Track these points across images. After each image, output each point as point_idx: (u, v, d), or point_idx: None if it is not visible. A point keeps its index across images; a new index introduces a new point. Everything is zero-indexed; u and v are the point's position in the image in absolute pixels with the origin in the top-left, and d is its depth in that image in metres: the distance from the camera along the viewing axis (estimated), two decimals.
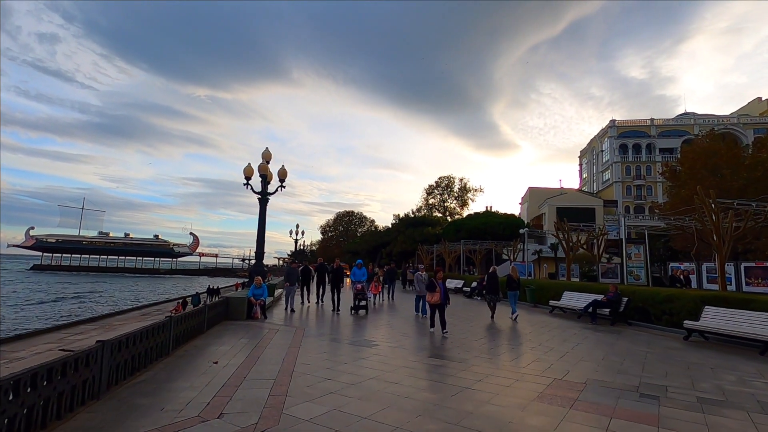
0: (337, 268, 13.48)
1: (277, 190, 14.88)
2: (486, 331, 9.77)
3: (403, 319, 11.36)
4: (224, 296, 10.16)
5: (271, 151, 15.05)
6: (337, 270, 13.32)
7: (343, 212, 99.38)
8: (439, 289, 8.82)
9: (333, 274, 13.38)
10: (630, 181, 61.90)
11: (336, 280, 13.03)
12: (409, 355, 6.78)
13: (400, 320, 11.06)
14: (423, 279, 11.52)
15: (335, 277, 13.11)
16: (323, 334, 8.62)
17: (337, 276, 13.17)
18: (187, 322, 7.07)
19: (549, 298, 15.74)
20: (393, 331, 9.23)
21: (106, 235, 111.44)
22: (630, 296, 11.39)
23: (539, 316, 13.05)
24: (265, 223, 14.78)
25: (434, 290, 8.82)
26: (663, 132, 63.21)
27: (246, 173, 14.43)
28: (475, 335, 9.06)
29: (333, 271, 13.65)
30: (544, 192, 66.13)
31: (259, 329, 8.95)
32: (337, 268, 13.54)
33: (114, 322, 19.30)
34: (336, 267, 13.61)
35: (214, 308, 8.95)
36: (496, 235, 43.66)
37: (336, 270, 13.34)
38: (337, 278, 13.07)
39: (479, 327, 10.34)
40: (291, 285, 12.77)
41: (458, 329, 9.69)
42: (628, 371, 6.00)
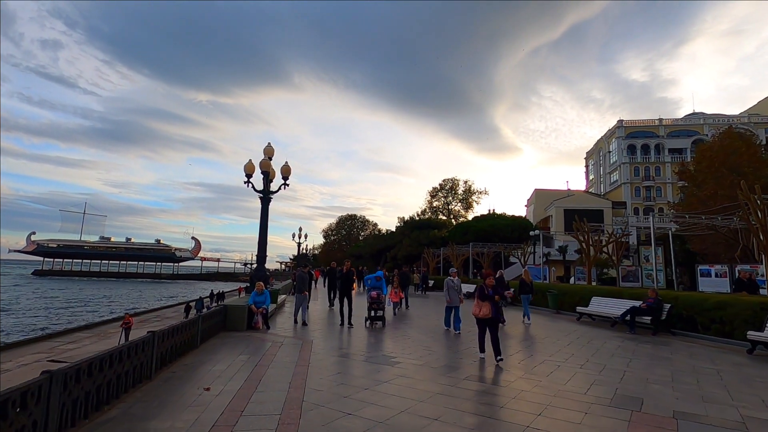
0: (346, 273, 11.47)
1: (281, 188, 13.81)
2: (517, 343, 8.64)
3: (424, 330, 10.16)
4: (221, 304, 9.07)
5: (273, 147, 14.02)
6: (346, 274, 11.36)
7: (346, 216, 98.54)
8: (488, 302, 6.58)
9: (342, 280, 11.37)
10: (639, 182, 60.61)
11: (345, 286, 11.14)
12: (439, 376, 5.66)
13: (421, 332, 9.84)
14: (454, 285, 9.89)
15: (344, 284, 11.20)
16: (334, 349, 7.49)
17: (347, 282, 11.27)
18: (176, 337, 5.98)
19: (573, 304, 14.58)
20: (415, 346, 8.03)
21: (108, 240, 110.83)
22: (671, 302, 10.23)
23: (567, 324, 11.89)
24: (267, 224, 13.72)
25: (484, 300, 6.61)
26: (672, 132, 62.01)
27: (247, 170, 13.38)
28: (505, 347, 7.94)
29: (342, 276, 11.62)
30: (550, 194, 64.97)
31: (261, 342, 7.85)
32: (346, 272, 11.52)
33: (110, 329, 18.24)
34: (345, 271, 11.54)
35: (209, 318, 7.86)
36: (504, 237, 42.54)
37: (345, 275, 11.37)
38: (347, 284, 11.19)
39: (506, 338, 9.20)
40: (302, 294, 11.09)
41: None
42: (714, 398, 4.87)
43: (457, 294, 9.80)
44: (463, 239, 41.90)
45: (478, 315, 6.60)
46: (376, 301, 10.35)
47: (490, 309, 6.49)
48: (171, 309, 26.28)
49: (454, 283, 9.92)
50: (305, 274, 11.58)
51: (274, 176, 13.97)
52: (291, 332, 9.35)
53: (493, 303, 6.51)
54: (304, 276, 11.44)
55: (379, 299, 10.37)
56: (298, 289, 11.05)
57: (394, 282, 13.37)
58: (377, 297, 10.35)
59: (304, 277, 11.36)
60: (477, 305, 6.67)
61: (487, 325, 6.64)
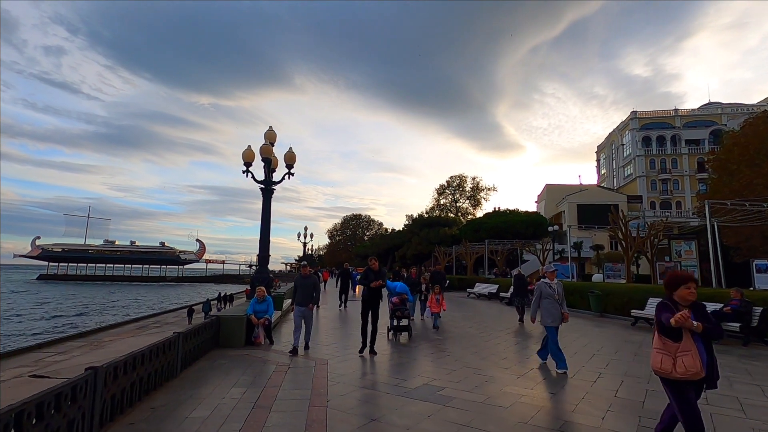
0: (378, 271, 7.20)
1: (285, 177, 12.12)
2: (602, 364, 6.87)
3: (463, 341, 8.40)
4: (213, 315, 7.36)
5: (275, 132, 12.34)
6: (378, 273, 7.20)
7: (350, 216, 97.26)
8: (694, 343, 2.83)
9: (369, 293, 7.20)
10: (655, 175, 58.40)
11: (372, 297, 7.19)
12: (522, 427, 3.90)
13: (461, 345, 8.00)
14: (554, 292, 6.24)
15: (371, 294, 7.17)
16: (357, 375, 5.74)
17: (374, 292, 7.20)
18: (139, 370, 4.27)
19: (620, 306, 12.78)
20: (462, 369, 6.10)
21: (112, 244, 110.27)
22: (762, 305, 8.42)
23: (622, 331, 10.09)
24: (270, 219, 12.04)
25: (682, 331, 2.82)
26: (688, 123, 59.76)
27: (245, 158, 11.69)
28: (580, 366, 6.17)
29: (365, 275, 7.29)
30: (561, 189, 62.89)
31: (262, 365, 6.15)
32: (377, 270, 7.21)
33: (105, 337, 16.65)
34: (375, 270, 7.23)
35: (196, 336, 6.17)
36: (519, 234, 40.72)
37: (377, 273, 7.21)
38: (374, 296, 7.20)
39: (578, 356, 7.43)
40: (304, 306, 7.22)
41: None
42: None
43: (559, 306, 6.23)
44: (475, 236, 40.21)
45: (683, 376, 2.75)
46: (399, 307, 8.52)
47: (700, 361, 2.77)
48: (172, 314, 24.75)
49: (553, 290, 6.24)
50: (310, 279, 7.32)
51: (276, 165, 12.28)
52: (299, 348, 7.65)
53: (702, 345, 2.81)
54: (308, 282, 7.26)
55: (403, 305, 8.53)
56: (299, 301, 7.11)
57: (432, 287, 10.45)
58: (401, 303, 8.52)
59: (308, 284, 7.24)
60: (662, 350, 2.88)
61: (695, 389, 2.89)
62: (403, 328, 8.58)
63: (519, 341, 8.72)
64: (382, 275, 7.28)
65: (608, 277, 22.27)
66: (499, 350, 7.58)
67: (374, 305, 7.14)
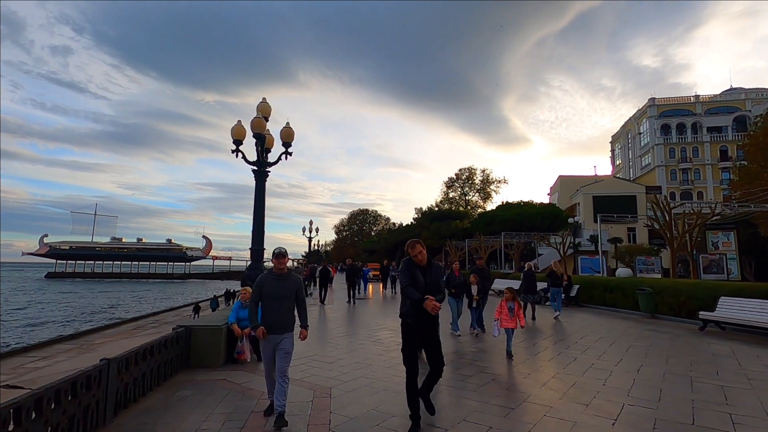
0: (429, 267, 3.77)
1: (281, 158, 10.41)
2: (718, 397, 5.08)
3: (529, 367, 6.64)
4: (182, 325, 5.65)
5: (270, 105, 10.60)
6: (431, 271, 3.76)
7: (357, 211, 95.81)
8: None
9: (419, 315, 3.66)
10: (675, 165, 55.87)
11: (427, 323, 3.70)
12: None
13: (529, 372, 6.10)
14: None
15: (421, 315, 3.63)
16: (374, 414, 4.04)
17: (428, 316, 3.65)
18: (27, 427, 2.58)
19: (675, 306, 10.92)
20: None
21: (119, 241, 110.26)
22: None
23: (694, 339, 8.24)
24: (264, 207, 10.34)
25: None
26: (710, 109, 57.01)
27: (235, 135, 9.96)
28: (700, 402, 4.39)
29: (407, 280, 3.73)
30: (576, 180, 60.62)
31: (240, 399, 4.44)
32: (427, 265, 3.76)
33: (97, 339, 15.24)
34: (424, 264, 3.76)
35: (145, 360, 4.45)
36: (534, 227, 38.72)
37: (429, 271, 3.77)
38: (429, 321, 3.71)
39: (653, 367, 5.64)
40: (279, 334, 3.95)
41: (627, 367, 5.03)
42: None
43: None
44: (488, 230, 38.39)
45: None
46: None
47: None
48: (172, 312, 23.33)
49: None
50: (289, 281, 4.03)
51: (272, 144, 10.57)
52: (293, 366, 5.95)
53: None
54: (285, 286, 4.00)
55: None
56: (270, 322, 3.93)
57: (504, 293, 7.10)
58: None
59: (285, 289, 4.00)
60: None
61: None
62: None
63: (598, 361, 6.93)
64: (435, 277, 3.71)
65: (640, 272, 20.32)
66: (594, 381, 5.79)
67: (428, 331, 3.68)
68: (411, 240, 3.84)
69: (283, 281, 3.96)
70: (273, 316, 3.89)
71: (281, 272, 3.98)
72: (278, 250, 3.95)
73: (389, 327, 9.65)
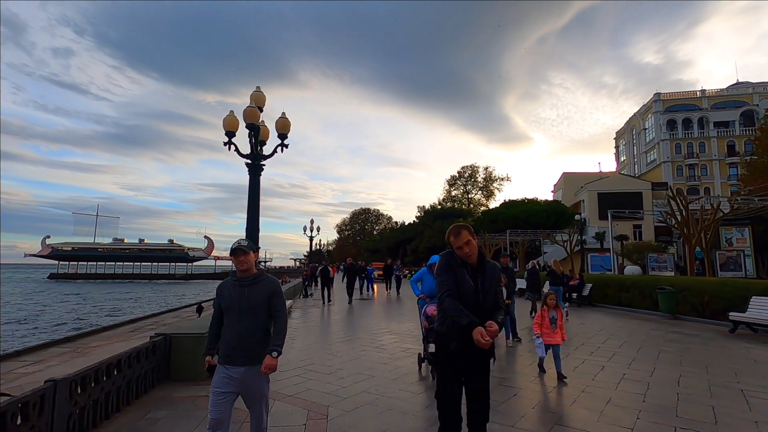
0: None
1: (276, 150, 9.76)
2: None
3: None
4: (160, 333, 5.01)
5: (264, 94, 9.95)
6: (493, 273, 2.61)
7: (359, 210, 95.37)
8: None
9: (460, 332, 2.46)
10: (681, 161, 54.97)
11: (480, 359, 2.47)
12: None
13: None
14: None
15: (470, 348, 2.38)
16: None
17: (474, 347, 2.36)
18: None
19: (698, 306, 10.23)
20: None
21: (121, 242, 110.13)
22: None
23: (728, 342, 7.56)
24: (259, 203, 9.70)
25: None
26: (717, 104, 56.08)
27: (227, 126, 9.28)
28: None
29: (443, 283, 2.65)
30: (580, 177, 59.80)
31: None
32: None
33: (92, 342, 14.74)
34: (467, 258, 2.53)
35: (111, 377, 3.83)
36: (539, 224, 38.01)
37: (488, 273, 2.58)
38: (476, 353, 2.41)
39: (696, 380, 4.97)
40: (243, 366, 2.66)
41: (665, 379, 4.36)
42: None
43: None
44: (493, 227, 37.70)
45: None
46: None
47: None
48: (172, 314, 22.73)
49: None
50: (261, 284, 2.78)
51: (267, 137, 9.92)
52: (287, 378, 5.31)
53: None
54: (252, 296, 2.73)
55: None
56: (228, 349, 2.70)
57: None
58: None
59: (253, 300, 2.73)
60: None
61: None
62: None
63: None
64: (490, 283, 2.51)
65: (653, 270, 19.61)
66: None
67: (479, 369, 2.48)
68: (455, 225, 2.53)
69: (249, 288, 2.72)
70: (234, 339, 2.65)
71: (245, 274, 2.77)
72: (236, 243, 2.77)
73: (393, 330, 9.01)
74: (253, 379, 2.65)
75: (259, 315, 2.72)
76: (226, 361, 2.65)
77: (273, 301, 2.77)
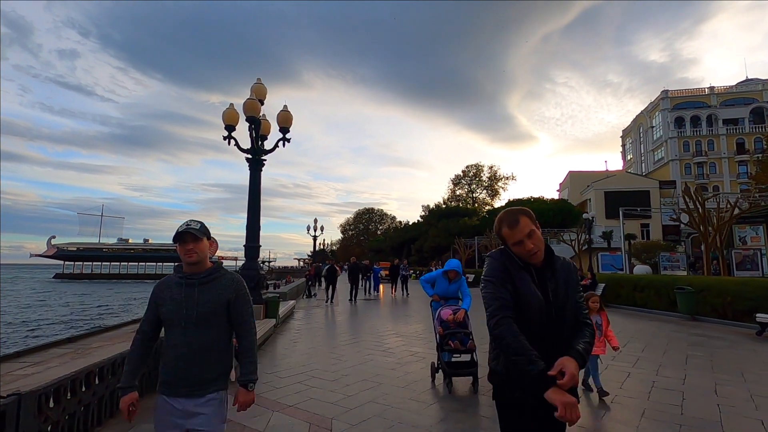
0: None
1: (278, 144, 9.40)
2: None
3: None
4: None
5: (265, 87, 9.60)
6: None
7: (363, 210, 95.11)
8: None
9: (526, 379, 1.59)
10: (689, 159, 54.18)
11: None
12: None
13: None
14: None
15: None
16: None
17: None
18: None
19: (719, 307, 9.75)
20: None
21: (126, 242, 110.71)
22: None
23: (758, 346, 7.10)
24: (260, 200, 9.34)
25: None
26: (726, 101, 55.24)
27: (227, 119, 8.95)
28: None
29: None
30: (586, 176, 59.16)
31: None
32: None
33: (94, 343, 14.51)
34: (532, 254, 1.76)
35: (100, 382, 3.49)
36: (546, 223, 37.55)
37: (559, 275, 1.76)
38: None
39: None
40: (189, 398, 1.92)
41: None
42: None
43: None
44: None
45: None
46: (455, 331, 4.53)
47: None
48: None
49: None
50: (214, 287, 1.98)
51: (269, 131, 9.57)
52: (287, 384, 4.93)
53: None
54: (202, 301, 1.94)
55: (464, 325, 4.60)
56: (168, 378, 1.95)
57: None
58: (460, 319, 4.58)
59: (200, 300, 1.94)
60: None
61: None
62: (465, 370, 4.48)
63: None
64: (566, 293, 1.72)
65: (664, 269, 19.08)
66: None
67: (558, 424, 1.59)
68: (508, 211, 1.73)
69: (200, 288, 1.95)
70: (177, 360, 1.90)
71: (195, 269, 1.97)
72: (183, 225, 1.97)
73: (400, 332, 8.62)
74: (200, 417, 1.88)
75: (214, 326, 1.93)
76: (167, 390, 1.91)
77: (236, 307, 1.98)
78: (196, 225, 1.99)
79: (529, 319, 1.62)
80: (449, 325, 4.59)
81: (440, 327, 4.67)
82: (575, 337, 1.63)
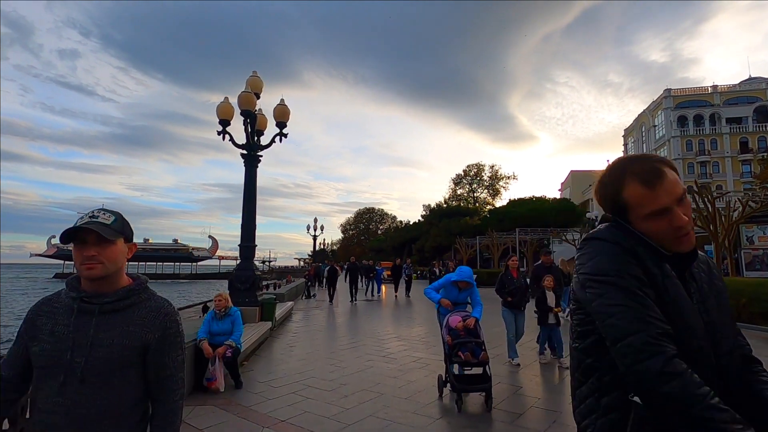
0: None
1: (275, 140, 9.06)
2: None
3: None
4: None
5: (261, 80, 9.26)
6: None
7: (363, 209, 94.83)
8: None
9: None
10: (692, 158, 53.77)
11: None
12: None
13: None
14: None
15: None
16: None
17: None
18: None
19: (736, 308, 9.38)
20: None
21: None
22: None
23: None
24: (255, 198, 9.01)
25: None
26: (729, 100, 54.79)
27: (221, 114, 8.62)
28: None
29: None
30: (588, 175, 58.93)
31: None
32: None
33: None
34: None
35: None
36: (547, 222, 37.15)
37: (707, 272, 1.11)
38: None
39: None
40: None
41: None
42: None
43: None
44: (500, 226, 36.86)
45: None
46: (466, 340, 4.13)
47: None
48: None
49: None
50: (123, 304, 1.24)
51: (265, 126, 9.23)
52: (281, 395, 4.58)
53: None
54: (122, 318, 1.22)
55: (475, 333, 4.20)
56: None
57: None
58: (470, 326, 4.21)
59: (100, 335, 1.17)
60: None
61: None
62: (478, 386, 4.04)
63: None
64: (720, 302, 1.06)
65: None
66: None
67: None
68: (632, 157, 1.04)
69: (102, 317, 1.21)
70: (59, 420, 1.12)
71: (98, 287, 1.23)
72: (84, 219, 1.22)
73: (401, 336, 8.27)
74: None
75: (116, 382, 1.18)
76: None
77: (158, 355, 1.24)
78: (106, 218, 1.23)
79: (690, 347, 0.91)
80: (458, 333, 4.18)
81: (448, 335, 4.25)
82: (755, 382, 0.98)
